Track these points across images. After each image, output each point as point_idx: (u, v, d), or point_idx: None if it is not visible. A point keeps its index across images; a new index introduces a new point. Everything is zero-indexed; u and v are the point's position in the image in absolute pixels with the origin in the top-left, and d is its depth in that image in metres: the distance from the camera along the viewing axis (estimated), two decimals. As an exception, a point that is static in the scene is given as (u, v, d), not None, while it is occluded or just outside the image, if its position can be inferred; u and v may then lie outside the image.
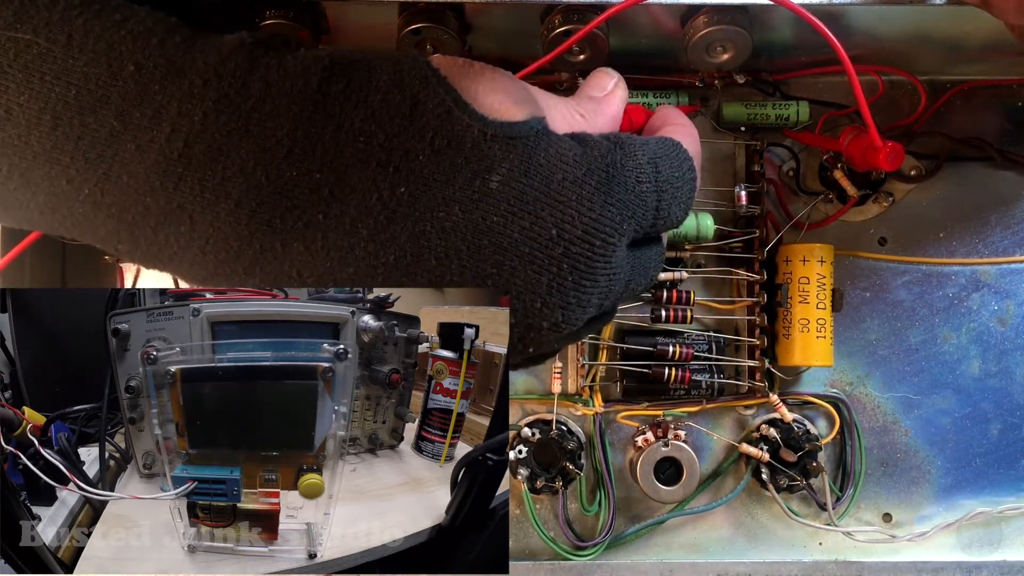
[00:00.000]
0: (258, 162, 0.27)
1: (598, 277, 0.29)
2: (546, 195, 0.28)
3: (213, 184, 0.27)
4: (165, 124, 0.27)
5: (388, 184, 0.27)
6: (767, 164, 0.54)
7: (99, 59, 0.27)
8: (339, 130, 0.27)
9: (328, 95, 0.27)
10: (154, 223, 0.27)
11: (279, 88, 0.27)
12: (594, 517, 0.55)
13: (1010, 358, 0.55)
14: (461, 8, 0.45)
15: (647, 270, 0.32)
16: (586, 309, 0.29)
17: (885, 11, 0.44)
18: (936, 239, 0.55)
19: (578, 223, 0.28)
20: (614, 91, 0.35)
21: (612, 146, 0.30)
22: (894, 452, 0.55)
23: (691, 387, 0.53)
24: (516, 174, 0.27)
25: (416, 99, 0.27)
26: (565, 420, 0.54)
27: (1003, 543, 0.55)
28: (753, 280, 0.53)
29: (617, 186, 0.29)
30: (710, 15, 0.44)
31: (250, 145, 0.27)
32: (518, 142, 0.28)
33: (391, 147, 0.27)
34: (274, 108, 0.27)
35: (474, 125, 0.28)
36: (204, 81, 0.27)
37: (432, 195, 0.27)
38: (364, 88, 0.28)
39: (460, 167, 0.27)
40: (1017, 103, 0.55)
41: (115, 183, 0.27)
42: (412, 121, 0.27)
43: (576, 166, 0.28)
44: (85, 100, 0.27)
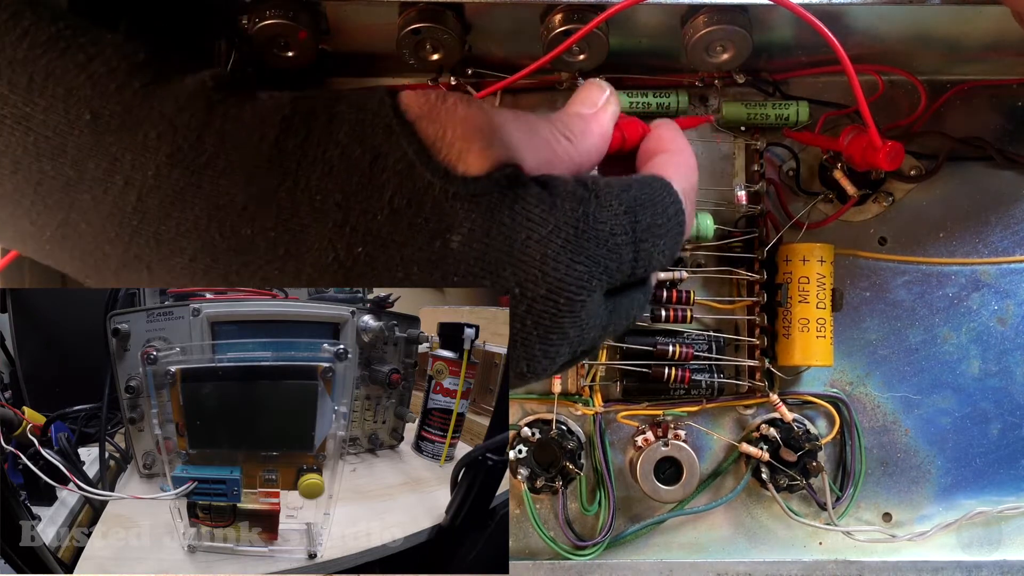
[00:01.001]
0: (211, 218, 0.26)
1: (566, 331, 0.28)
2: (508, 255, 0.26)
3: (168, 238, 0.26)
4: (119, 177, 0.26)
5: (344, 244, 0.26)
6: (767, 164, 0.54)
7: (57, 105, 0.27)
8: (295, 187, 0.26)
9: (285, 151, 0.26)
10: (115, 267, 0.27)
11: (234, 141, 0.27)
12: (594, 517, 0.55)
13: (1010, 358, 0.55)
14: (461, 8, 0.45)
15: (628, 313, 0.31)
16: (554, 360, 0.28)
17: (885, 11, 0.44)
18: (936, 239, 0.55)
19: (541, 283, 0.27)
20: (604, 107, 0.33)
21: (585, 195, 0.28)
22: (894, 452, 0.55)
23: (691, 387, 0.53)
24: (478, 234, 0.26)
25: (377, 153, 0.27)
26: (565, 420, 0.54)
27: (1003, 543, 0.55)
28: (753, 280, 0.53)
29: (587, 241, 0.27)
30: (710, 15, 0.44)
31: (203, 201, 0.26)
32: (481, 200, 0.26)
33: (348, 206, 0.26)
34: (228, 164, 0.26)
35: (435, 182, 0.26)
36: (158, 134, 0.26)
37: (390, 255, 0.26)
38: (323, 143, 0.27)
39: (419, 227, 0.26)
40: (1017, 103, 0.55)
41: (74, 229, 0.27)
42: (371, 179, 0.26)
43: (542, 224, 0.27)
44: (43, 147, 0.27)
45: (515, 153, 0.28)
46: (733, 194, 0.53)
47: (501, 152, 0.28)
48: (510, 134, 0.28)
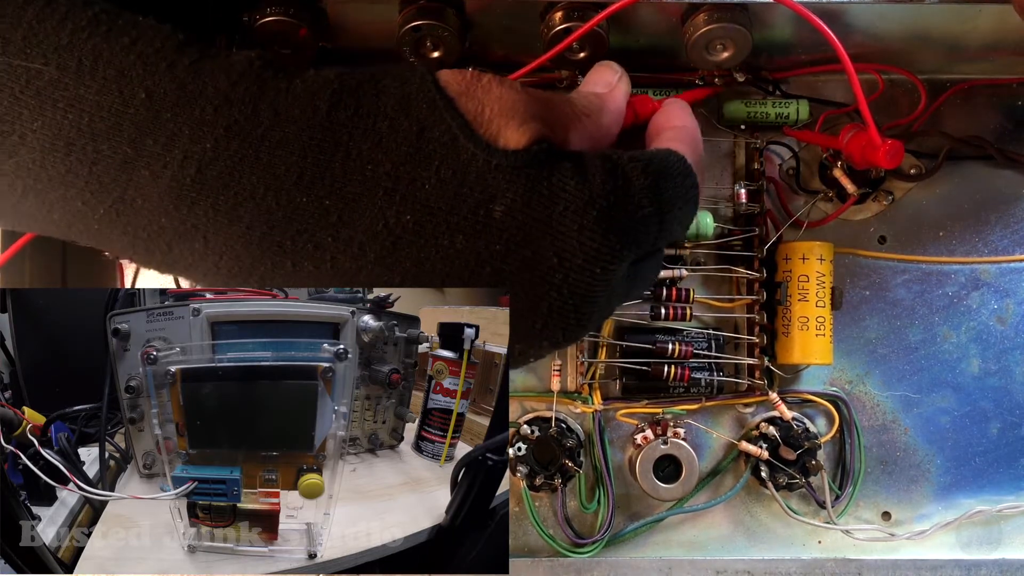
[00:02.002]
0: (268, 187, 0.27)
1: (598, 299, 0.29)
2: (547, 225, 0.28)
3: (226, 208, 0.27)
4: (177, 151, 0.27)
5: (394, 211, 0.27)
6: (767, 162, 0.54)
7: (110, 86, 0.27)
8: (347, 158, 0.27)
9: (337, 122, 0.28)
10: (168, 240, 0.28)
11: (288, 115, 0.28)
12: (593, 514, 0.55)
13: (1010, 357, 0.55)
14: (461, 5, 0.44)
15: (646, 279, 0.33)
16: (586, 327, 0.30)
17: (885, 10, 0.44)
18: (936, 238, 0.55)
19: (579, 253, 0.28)
20: (618, 85, 0.35)
21: (614, 169, 0.29)
22: (893, 450, 0.55)
23: (690, 385, 0.53)
24: (519, 204, 0.28)
25: (423, 126, 0.28)
26: (564, 417, 0.54)
27: (1002, 541, 0.55)
28: (753, 278, 0.53)
29: (619, 214, 0.29)
30: (710, 13, 0.44)
31: (261, 171, 0.27)
32: (521, 172, 0.28)
33: (398, 175, 0.27)
34: (284, 135, 0.27)
35: (479, 154, 0.28)
36: (215, 108, 0.27)
37: (436, 223, 0.27)
38: (372, 115, 0.28)
39: (464, 196, 0.27)
40: (1017, 102, 0.55)
41: (129, 205, 0.28)
42: (418, 149, 0.28)
43: (578, 195, 0.28)
44: (98, 127, 0.27)
45: (552, 128, 0.30)
46: (733, 192, 0.53)
47: (536, 128, 0.29)
48: (539, 112, 0.30)
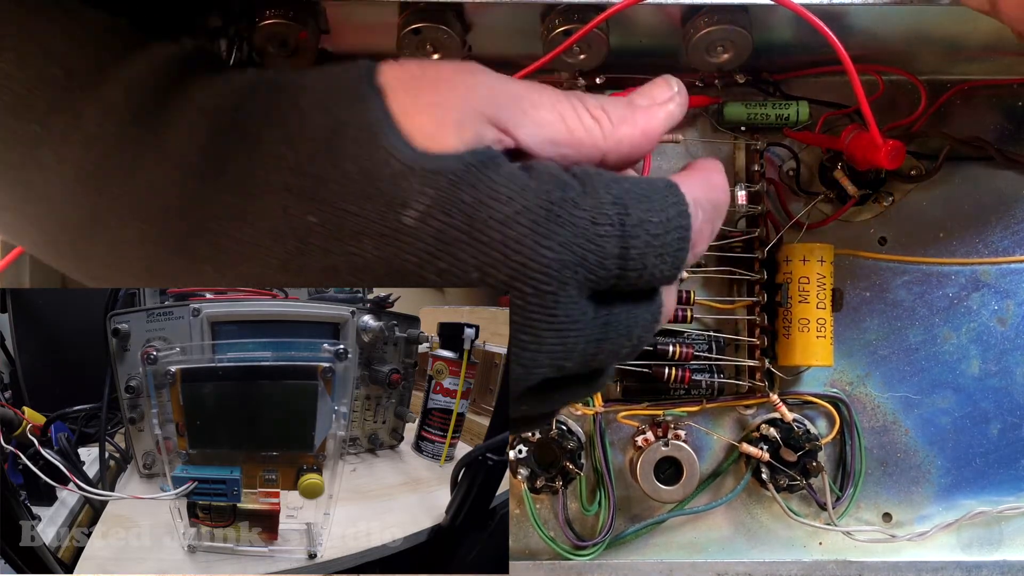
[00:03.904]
0: (169, 178, 0.26)
1: (538, 332, 0.25)
2: (468, 235, 0.24)
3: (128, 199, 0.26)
4: (83, 132, 0.26)
5: (298, 211, 0.25)
6: (767, 164, 0.54)
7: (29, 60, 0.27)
8: (252, 151, 0.25)
9: (249, 115, 0.26)
10: (72, 237, 0.27)
11: (200, 104, 0.26)
12: (594, 517, 0.55)
13: (1010, 358, 0.55)
14: (461, 8, 0.45)
15: (629, 331, 0.27)
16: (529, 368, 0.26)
17: (885, 11, 0.44)
18: (936, 239, 0.55)
19: (503, 267, 0.25)
20: (663, 104, 0.30)
21: (569, 181, 0.26)
22: (894, 452, 0.55)
23: (691, 387, 0.53)
24: (435, 211, 0.24)
25: (338, 122, 0.26)
26: (565, 419, 0.54)
27: (1003, 543, 0.55)
28: (753, 279, 0.53)
29: (559, 227, 0.25)
30: (710, 15, 0.44)
31: (165, 161, 0.26)
32: (441, 177, 0.25)
33: (303, 172, 0.25)
34: (191, 125, 0.26)
35: (393, 155, 0.25)
36: (126, 92, 0.26)
37: (343, 227, 0.25)
38: (284, 109, 0.26)
39: (372, 198, 0.25)
40: (1017, 103, 0.55)
41: (35, 192, 0.27)
42: (331, 146, 0.25)
43: (507, 204, 0.25)
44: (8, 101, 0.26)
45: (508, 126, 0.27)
46: (733, 194, 0.53)
47: (477, 129, 0.26)
48: (508, 107, 0.27)
